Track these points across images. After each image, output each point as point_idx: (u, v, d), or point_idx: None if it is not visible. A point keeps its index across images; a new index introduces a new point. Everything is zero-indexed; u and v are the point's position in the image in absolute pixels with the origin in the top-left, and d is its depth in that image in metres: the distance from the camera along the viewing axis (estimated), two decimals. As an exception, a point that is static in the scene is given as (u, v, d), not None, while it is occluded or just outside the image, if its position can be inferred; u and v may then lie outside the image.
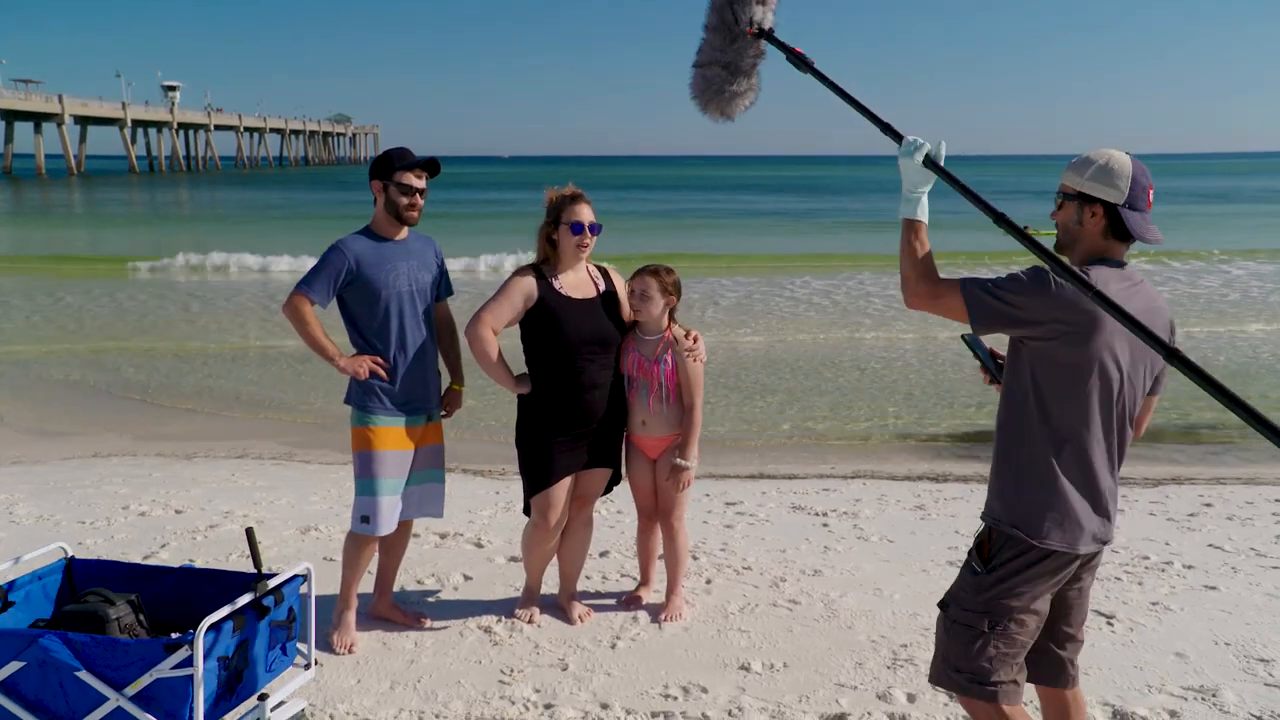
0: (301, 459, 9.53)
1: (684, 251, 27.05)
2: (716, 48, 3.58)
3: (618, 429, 5.03)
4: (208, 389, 12.51)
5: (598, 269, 5.07)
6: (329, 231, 18.40)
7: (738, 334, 16.10)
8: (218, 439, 10.26)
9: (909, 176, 3.10)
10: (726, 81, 3.56)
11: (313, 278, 4.73)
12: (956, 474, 8.95)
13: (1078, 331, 2.92)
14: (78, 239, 35.67)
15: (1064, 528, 3.03)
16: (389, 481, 4.81)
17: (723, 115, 3.60)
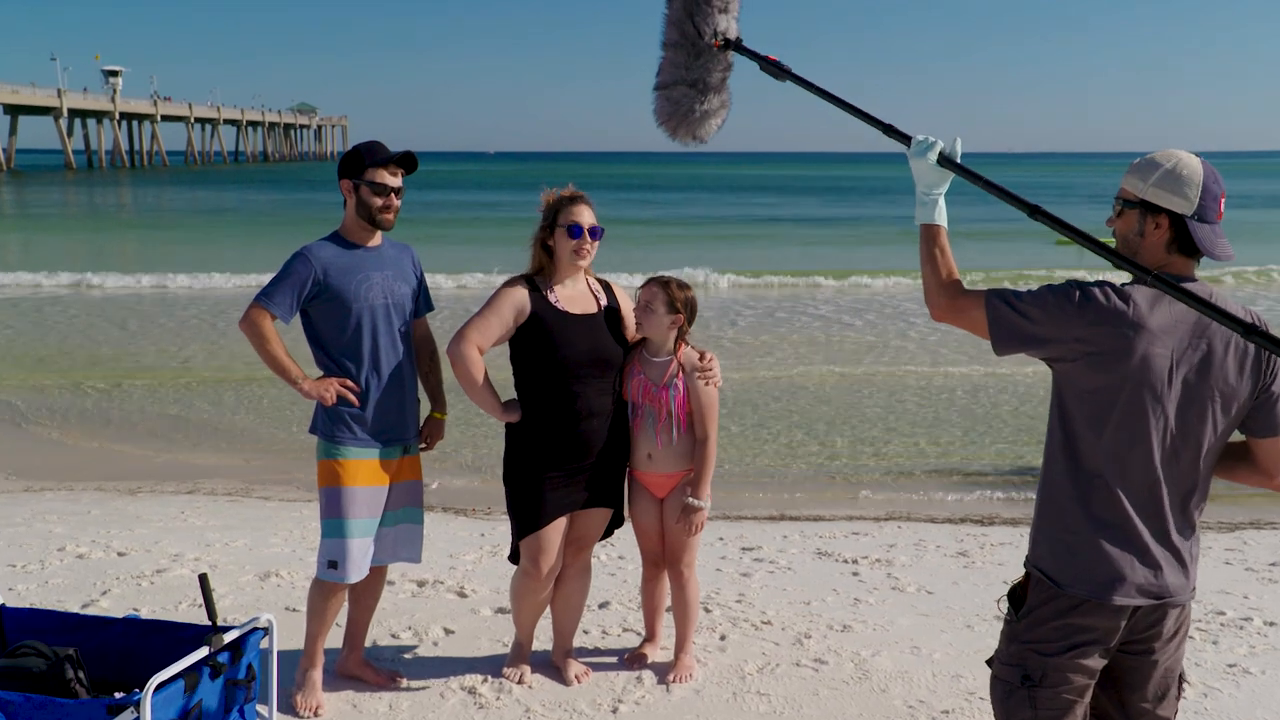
0: (260, 495, 9.53)
1: (696, 264, 27.11)
2: (680, 65, 3.68)
3: (620, 463, 5.04)
4: (153, 416, 12.53)
5: (600, 282, 5.09)
6: (290, 239, 18.43)
7: (756, 357, 16.15)
8: (165, 472, 10.27)
9: (923, 178, 3.21)
10: (695, 100, 3.66)
11: (274, 288, 4.75)
12: (1005, 516, 8.96)
13: (1105, 355, 2.94)
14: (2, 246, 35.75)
15: (1093, 574, 3.03)
16: (360, 522, 4.82)
17: (694, 139, 3.71)
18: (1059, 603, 3.07)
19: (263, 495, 9.51)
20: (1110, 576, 3.03)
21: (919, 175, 3.22)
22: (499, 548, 7.59)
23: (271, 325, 4.75)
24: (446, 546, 7.58)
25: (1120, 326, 2.93)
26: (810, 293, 23.64)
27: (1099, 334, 2.94)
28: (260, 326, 4.74)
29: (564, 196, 4.93)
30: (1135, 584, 3.04)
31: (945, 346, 16.65)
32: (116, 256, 31.86)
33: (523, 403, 4.90)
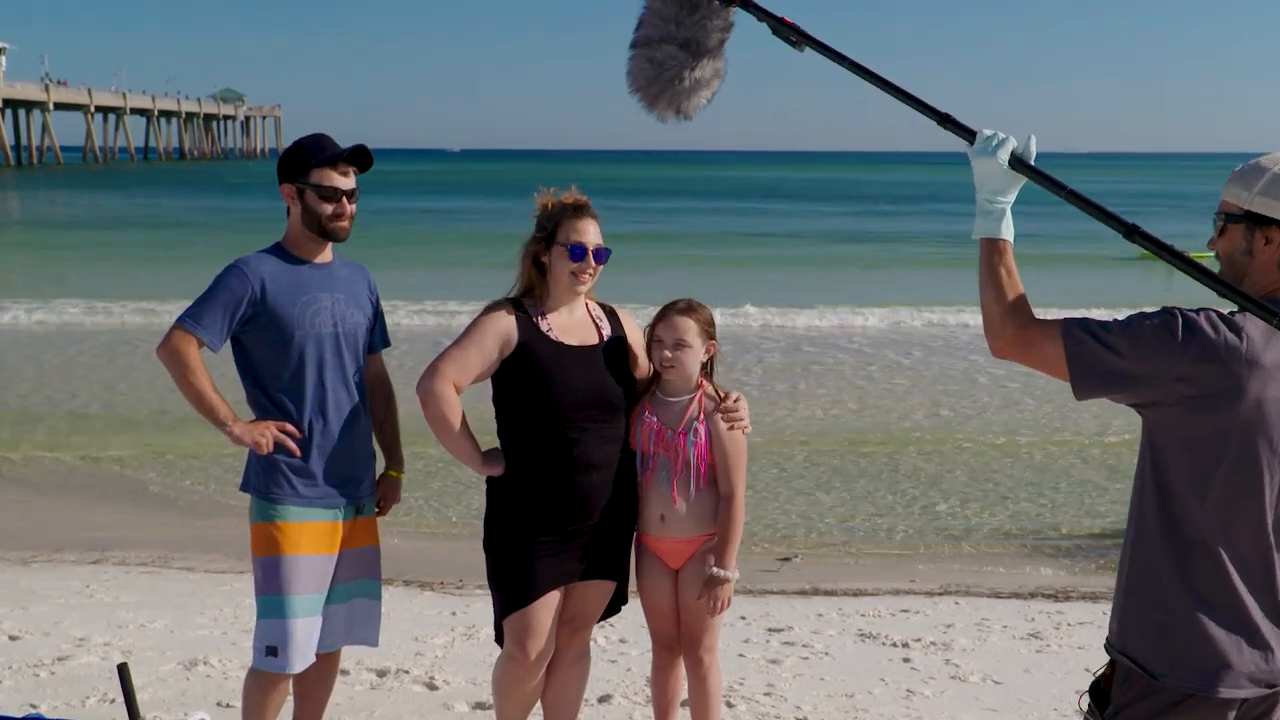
0: (181, 565, 9.50)
1: (706, 288, 27.14)
2: (669, 19, 3.57)
3: (625, 527, 5.04)
4: (47, 469, 12.52)
5: (602, 308, 5.11)
6: (213, 257, 18.40)
7: (783, 401, 16.16)
8: (66, 538, 10.23)
9: (988, 182, 3.19)
10: (684, 65, 3.55)
11: (201, 309, 4.76)
12: (1083, 589, 8.97)
13: (1211, 397, 2.96)
14: None
15: (1194, 661, 3.04)
16: (304, 598, 4.82)
17: (677, 113, 3.62)
18: (1154, 700, 3.07)
19: (185, 566, 9.48)
20: (1215, 664, 3.03)
21: (983, 178, 3.19)
22: (474, 629, 7.57)
23: (197, 353, 4.76)
24: (410, 628, 7.56)
25: (1231, 364, 2.94)
26: (843, 325, 23.66)
27: (1205, 372, 2.95)
28: (183, 354, 4.74)
29: (566, 204, 4.92)
30: (1244, 672, 3.05)
31: (1013, 381, 16.69)
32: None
33: (509, 452, 4.91)
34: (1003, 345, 3.15)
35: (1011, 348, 3.13)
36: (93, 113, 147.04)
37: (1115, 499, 11.25)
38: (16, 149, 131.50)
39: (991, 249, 3.19)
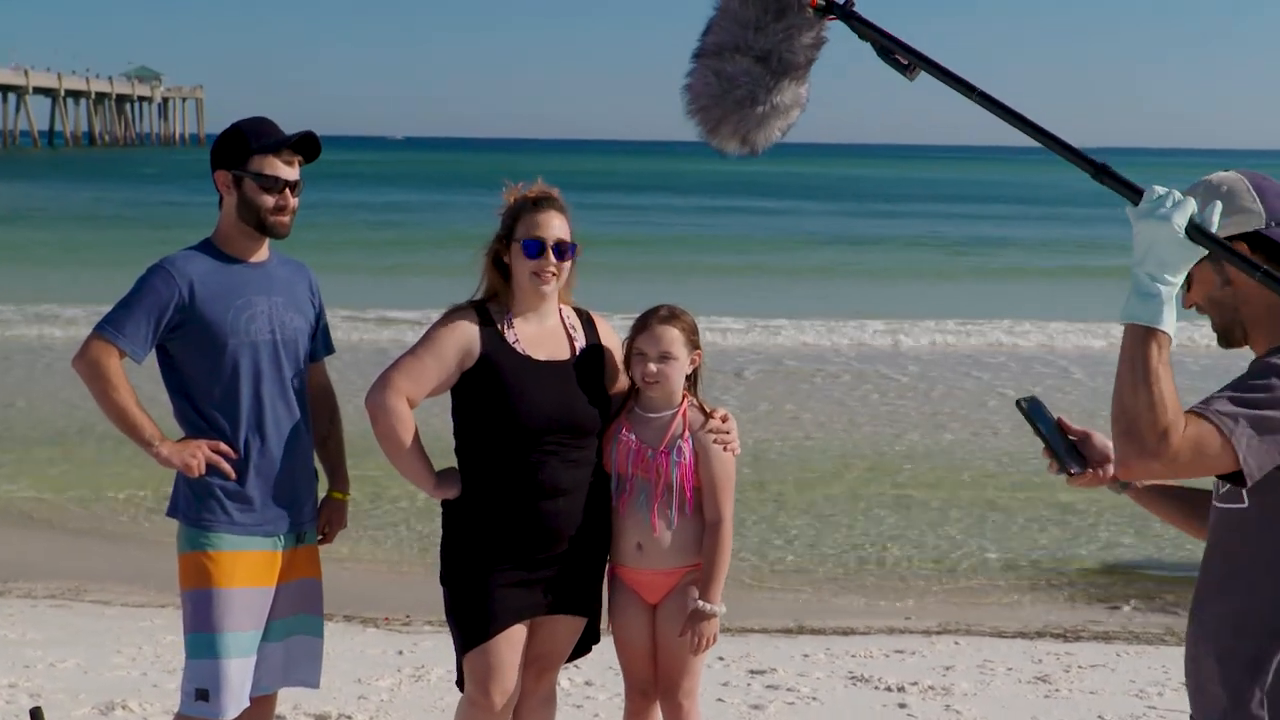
0: (97, 598, 9.46)
1: (682, 295, 27.07)
2: (747, 24, 3.20)
3: (597, 557, 5.05)
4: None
5: (578, 314, 5.12)
6: (130, 256, 18.31)
7: (767, 420, 16.18)
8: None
9: (1154, 253, 2.89)
10: (760, 86, 3.20)
11: (122, 315, 4.76)
12: (1096, 628, 9.04)
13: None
14: None
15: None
16: (238, 635, 4.81)
17: (743, 144, 3.27)
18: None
19: (100, 598, 9.44)
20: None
21: (1147, 248, 2.88)
22: (423, 670, 7.56)
23: (118, 365, 4.75)
24: (353, 668, 7.56)
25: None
26: (832, 338, 23.69)
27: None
28: (102, 366, 4.73)
29: (527, 197, 4.93)
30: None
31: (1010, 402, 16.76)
32: None
33: (468, 473, 4.92)
34: (1154, 466, 2.87)
35: (1167, 468, 2.88)
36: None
37: (1130, 529, 11.28)
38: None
39: (1148, 340, 2.87)
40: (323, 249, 32.42)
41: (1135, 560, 10.60)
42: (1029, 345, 22.73)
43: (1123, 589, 9.98)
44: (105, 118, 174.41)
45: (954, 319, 24.71)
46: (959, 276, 35.18)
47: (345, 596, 9.09)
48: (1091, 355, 21.29)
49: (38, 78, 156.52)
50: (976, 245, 45.11)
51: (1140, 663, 7.97)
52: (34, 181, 78.70)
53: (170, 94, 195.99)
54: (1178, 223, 2.85)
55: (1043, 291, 30.83)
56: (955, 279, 34.49)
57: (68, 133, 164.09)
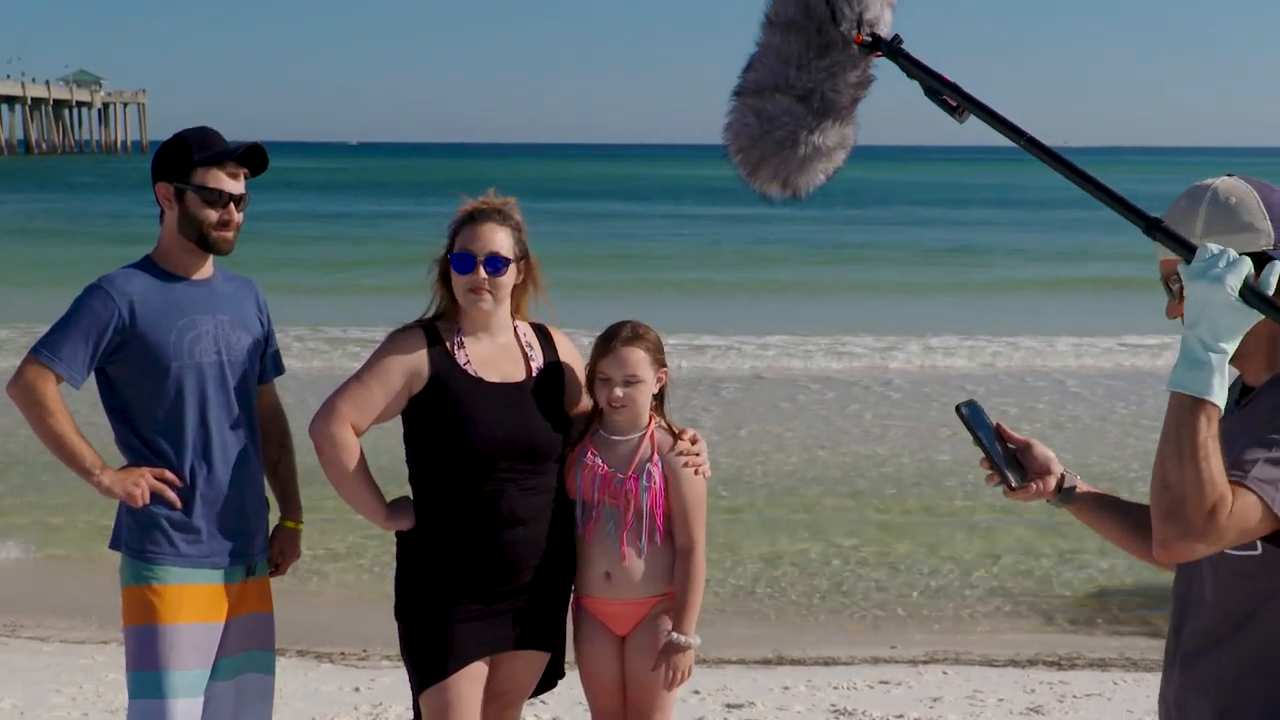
0: (33, 633, 9.44)
1: (650, 312, 27.06)
2: (790, 61, 3.15)
3: (559, 589, 5.05)
4: None
5: (535, 329, 5.11)
6: (69, 273, 18.26)
7: (746, 442, 16.20)
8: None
9: (1210, 315, 2.80)
10: (803, 125, 3.15)
11: (58, 337, 4.75)
12: (1090, 656, 9.06)
13: None
14: None
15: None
16: (185, 674, 4.79)
17: (784, 188, 3.22)
18: None
19: (37, 634, 9.42)
20: None
21: (1199, 311, 2.80)
22: (381, 707, 7.56)
23: (55, 390, 4.74)
24: (306, 706, 7.55)
25: None
26: (816, 356, 23.72)
27: None
28: (38, 391, 4.72)
29: (465, 211, 4.93)
30: None
31: (1024, 424, 16.80)
32: None
33: (422, 503, 4.92)
34: (1199, 548, 2.81)
35: (1211, 548, 2.82)
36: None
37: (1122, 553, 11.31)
38: None
39: (1196, 412, 2.78)
40: (272, 265, 32.45)
41: (1131, 584, 10.62)
42: (1019, 363, 22.74)
43: (1118, 614, 10.03)
44: (42, 124, 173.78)
45: (946, 335, 24.74)
46: (949, 289, 35.14)
47: (298, 630, 9.06)
48: (1088, 372, 21.35)
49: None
50: (959, 254, 45.22)
51: (1138, 691, 7.98)
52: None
53: (111, 99, 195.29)
54: (1231, 285, 2.76)
55: (1033, 304, 30.86)
56: (946, 291, 34.44)
57: (1, 141, 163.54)
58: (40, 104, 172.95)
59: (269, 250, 36.37)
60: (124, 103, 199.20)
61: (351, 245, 46.33)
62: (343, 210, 66.84)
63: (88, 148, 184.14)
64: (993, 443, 3.36)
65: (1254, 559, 3.02)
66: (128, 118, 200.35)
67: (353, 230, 53.53)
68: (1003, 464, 3.35)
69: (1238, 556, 3.02)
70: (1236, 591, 3.06)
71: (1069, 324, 25.68)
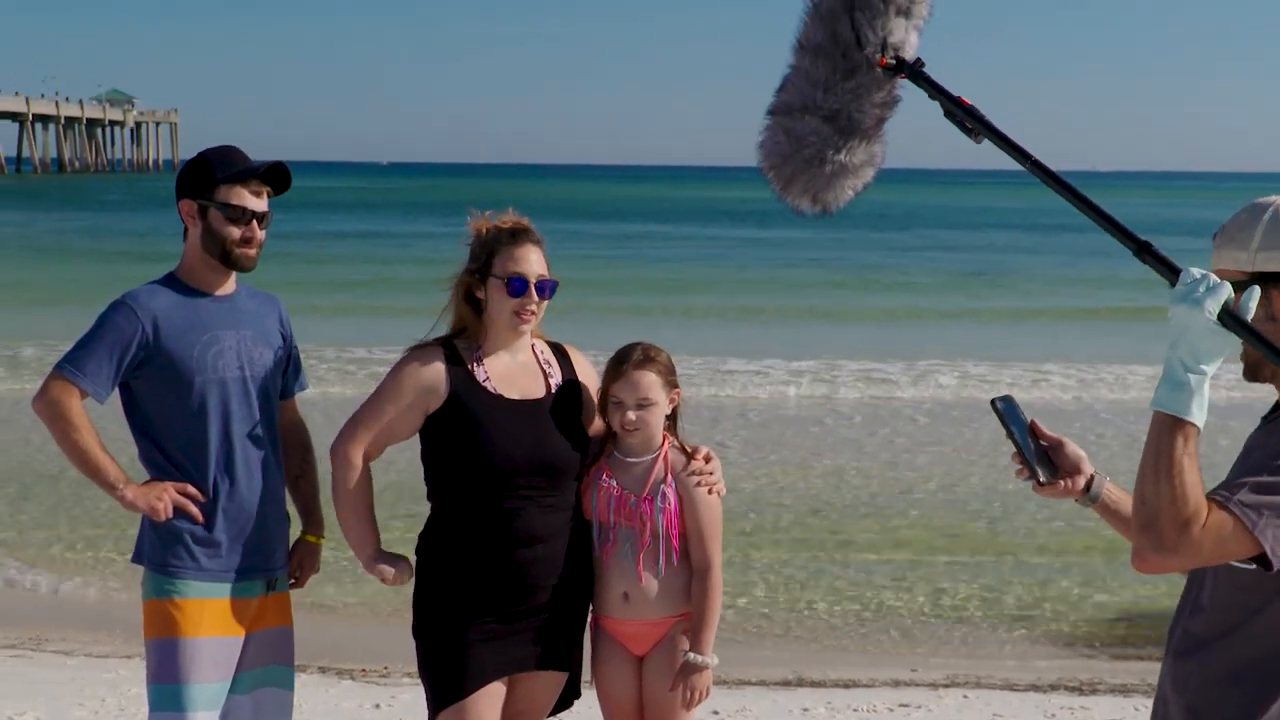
0: (58, 647, 9.45)
1: (676, 338, 26.97)
2: (817, 84, 3.29)
3: (577, 609, 5.04)
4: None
5: (551, 347, 5.11)
6: (100, 288, 18.35)
7: (770, 464, 16.16)
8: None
9: (1189, 339, 2.89)
10: (829, 145, 3.28)
11: (83, 353, 4.77)
12: (1113, 680, 9.02)
13: None
14: None
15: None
16: (205, 688, 4.80)
17: (814, 203, 3.36)
18: None
19: (61, 648, 9.42)
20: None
21: (1179, 333, 2.89)
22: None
23: (80, 405, 4.76)
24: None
25: None
26: (844, 381, 23.67)
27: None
28: (63, 406, 4.74)
29: (503, 229, 4.91)
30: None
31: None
32: None
33: (440, 520, 4.93)
34: (1171, 561, 2.91)
35: (1185, 562, 2.94)
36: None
37: (1149, 575, 11.25)
38: None
39: (1175, 431, 2.88)
40: (300, 287, 32.24)
41: (1154, 609, 10.55)
42: (1054, 392, 22.60)
43: (1141, 638, 9.96)
44: (75, 143, 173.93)
45: (977, 361, 24.62)
46: (980, 315, 34.83)
47: (319, 646, 9.05)
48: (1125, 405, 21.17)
49: (4, 102, 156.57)
50: (988, 279, 45.00)
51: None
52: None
53: (144, 118, 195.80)
54: (1210, 309, 2.86)
55: (1064, 331, 30.69)
56: (978, 318, 34.15)
57: (36, 159, 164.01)
58: (74, 123, 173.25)
59: (296, 271, 36.39)
60: (156, 122, 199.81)
61: (380, 265, 46.40)
62: (374, 229, 66.81)
63: (120, 166, 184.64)
64: (1025, 438, 3.38)
65: (1250, 573, 3.04)
66: (160, 137, 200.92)
67: (381, 250, 53.47)
68: (1033, 459, 3.37)
69: (1237, 568, 3.06)
70: (1229, 601, 3.11)
71: (1108, 351, 25.48)
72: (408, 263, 44.73)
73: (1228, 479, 3.01)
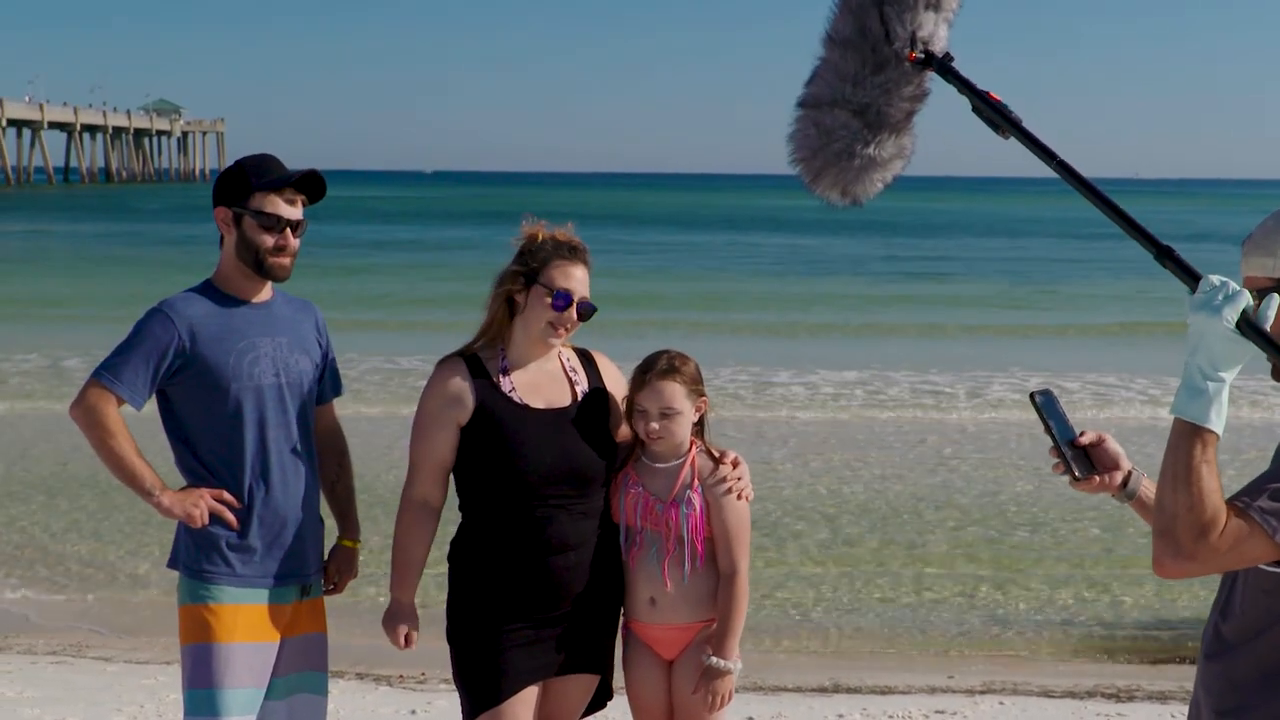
0: (97, 654, 9.48)
1: (723, 347, 26.92)
2: (847, 78, 3.31)
3: (608, 613, 5.06)
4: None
5: (579, 354, 5.12)
6: (146, 294, 18.32)
7: (809, 471, 16.13)
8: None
9: (1210, 347, 2.90)
10: (858, 138, 3.31)
11: (120, 360, 4.80)
12: (1149, 688, 8.95)
13: None
14: None
15: None
16: (240, 693, 4.82)
17: (844, 195, 3.39)
18: None
19: (101, 654, 9.45)
20: None
21: (1198, 340, 2.91)
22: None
23: (116, 412, 4.78)
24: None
25: None
26: (882, 386, 23.61)
27: None
28: (100, 413, 4.76)
29: (559, 241, 4.92)
30: None
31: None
32: None
33: (473, 529, 4.95)
34: (1190, 567, 2.91)
35: (1203, 567, 2.93)
36: (3, 126, 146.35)
37: (1187, 581, 11.18)
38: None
39: (1193, 438, 2.89)
40: (344, 283, 32.03)
41: (1191, 616, 10.49)
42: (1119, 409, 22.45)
43: (1179, 645, 9.89)
44: (123, 153, 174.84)
45: (1031, 371, 24.45)
46: (1027, 330, 34.33)
47: (355, 652, 9.05)
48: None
49: (53, 112, 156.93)
50: (1036, 290, 44.61)
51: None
52: (50, 218, 79.29)
53: (190, 128, 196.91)
54: (1229, 317, 2.87)
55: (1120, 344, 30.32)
56: (1029, 334, 33.65)
57: (84, 169, 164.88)
58: (121, 133, 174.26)
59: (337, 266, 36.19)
60: (203, 131, 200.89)
61: (417, 267, 46.47)
62: (415, 238, 66.80)
63: (167, 175, 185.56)
64: (1064, 432, 3.38)
65: (1276, 577, 3.06)
66: (206, 146, 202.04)
67: (424, 259, 53.36)
68: (1071, 456, 3.37)
69: (1266, 573, 3.07)
70: (1258, 606, 3.11)
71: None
72: (458, 266, 44.70)
73: (1248, 485, 3.01)
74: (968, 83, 3.27)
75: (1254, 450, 14.89)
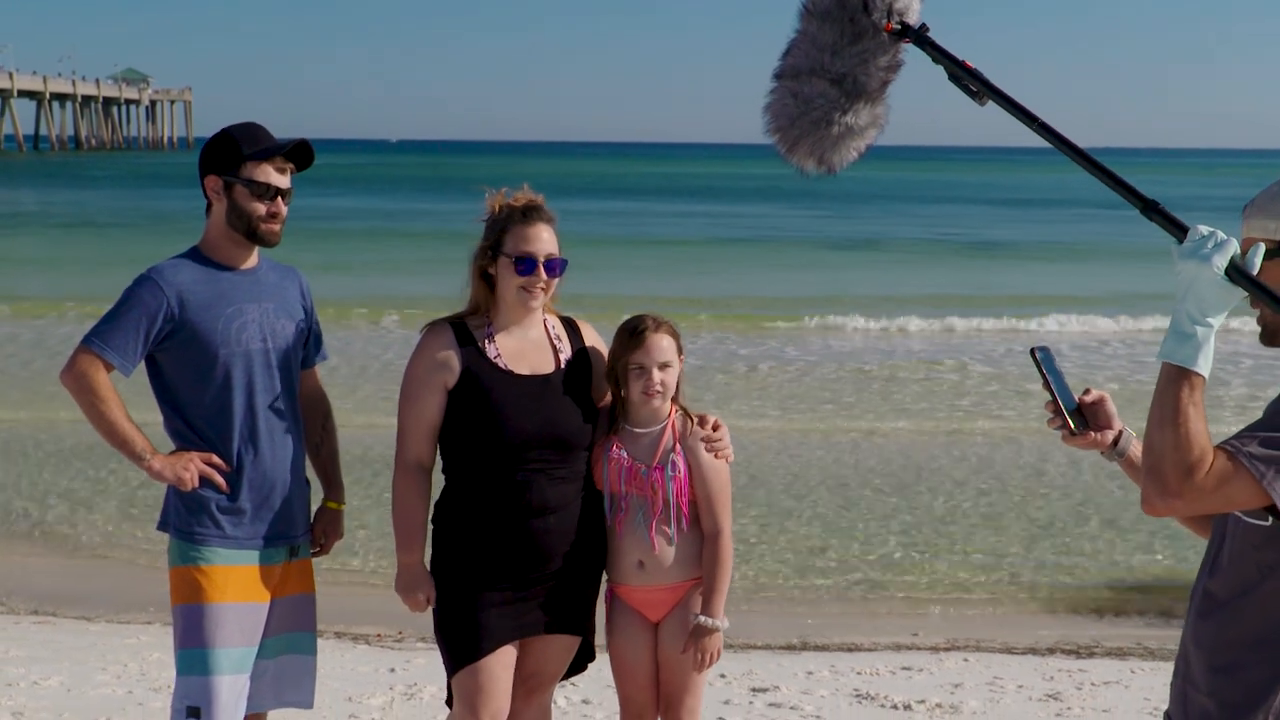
0: (80, 613, 9.47)
1: (671, 295, 27.04)
2: (824, 48, 3.35)
3: (589, 575, 5.07)
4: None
5: (563, 322, 5.12)
6: (120, 265, 18.34)
7: (756, 423, 16.23)
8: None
9: (1198, 293, 2.95)
10: (836, 107, 3.36)
11: (109, 327, 4.79)
12: (1109, 644, 9.06)
13: None
14: None
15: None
16: (231, 651, 4.84)
17: (820, 164, 3.43)
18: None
19: (84, 614, 9.45)
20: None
21: (1187, 288, 2.96)
22: (416, 687, 7.58)
23: (106, 378, 4.78)
24: (343, 686, 7.57)
25: None
26: (836, 333, 23.69)
27: None
28: (90, 379, 4.76)
29: (514, 207, 4.90)
30: None
31: (1021, 398, 16.75)
32: None
33: (456, 492, 4.97)
34: (1176, 504, 2.95)
35: (1189, 506, 2.97)
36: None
37: (1145, 541, 11.28)
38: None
39: (1180, 381, 2.94)
40: (320, 250, 32.03)
41: (1150, 575, 10.60)
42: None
43: (1137, 603, 9.99)
44: (92, 121, 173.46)
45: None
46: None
47: (336, 612, 9.04)
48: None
49: (22, 80, 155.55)
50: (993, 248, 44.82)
51: (1155, 680, 7.95)
52: (17, 186, 78.24)
53: (158, 97, 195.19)
54: (1218, 264, 2.92)
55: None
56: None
57: (53, 136, 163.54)
58: (90, 101, 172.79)
59: (306, 231, 36.05)
60: (170, 100, 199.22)
61: (380, 232, 46.36)
62: (379, 206, 66.35)
63: (135, 144, 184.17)
64: (1062, 389, 3.41)
65: (1262, 530, 3.09)
66: (174, 115, 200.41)
67: (387, 224, 53.16)
68: (1068, 410, 3.39)
69: (1250, 526, 3.10)
70: (1244, 560, 3.14)
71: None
72: (422, 232, 44.57)
73: (1240, 431, 3.05)
74: (945, 51, 3.30)
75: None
